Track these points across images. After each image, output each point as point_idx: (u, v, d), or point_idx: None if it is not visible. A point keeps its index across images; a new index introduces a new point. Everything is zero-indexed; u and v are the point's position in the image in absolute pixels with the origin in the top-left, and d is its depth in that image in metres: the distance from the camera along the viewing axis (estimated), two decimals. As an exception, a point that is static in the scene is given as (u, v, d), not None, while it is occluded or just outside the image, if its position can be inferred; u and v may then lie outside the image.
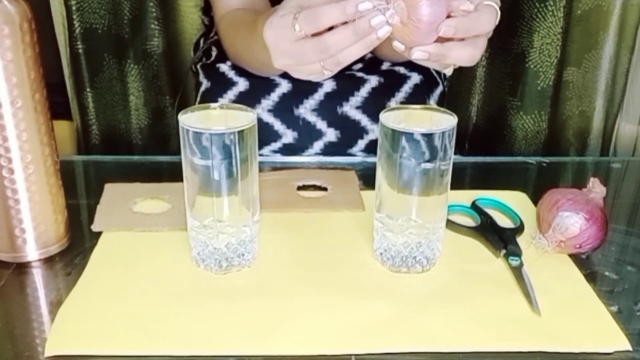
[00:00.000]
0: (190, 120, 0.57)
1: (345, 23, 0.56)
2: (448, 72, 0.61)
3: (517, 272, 0.60)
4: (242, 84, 0.89)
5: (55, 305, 0.55)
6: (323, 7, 0.56)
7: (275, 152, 0.90)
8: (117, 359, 0.50)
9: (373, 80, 0.89)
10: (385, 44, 0.83)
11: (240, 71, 0.90)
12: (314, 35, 0.58)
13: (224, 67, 0.91)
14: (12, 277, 0.60)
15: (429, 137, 0.55)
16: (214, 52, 0.95)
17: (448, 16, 0.55)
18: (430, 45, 0.56)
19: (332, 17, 0.56)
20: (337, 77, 0.87)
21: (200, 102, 0.94)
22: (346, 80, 0.88)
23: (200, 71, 0.96)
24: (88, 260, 0.62)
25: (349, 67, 0.89)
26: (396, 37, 0.57)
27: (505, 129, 1.21)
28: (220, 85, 0.90)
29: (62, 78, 1.22)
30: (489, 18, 0.56)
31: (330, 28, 0.57)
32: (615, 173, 0.87)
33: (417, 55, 0.56)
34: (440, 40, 0.56)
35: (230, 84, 0.90)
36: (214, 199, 0.57)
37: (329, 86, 0.88)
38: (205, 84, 0.94)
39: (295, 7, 0.59)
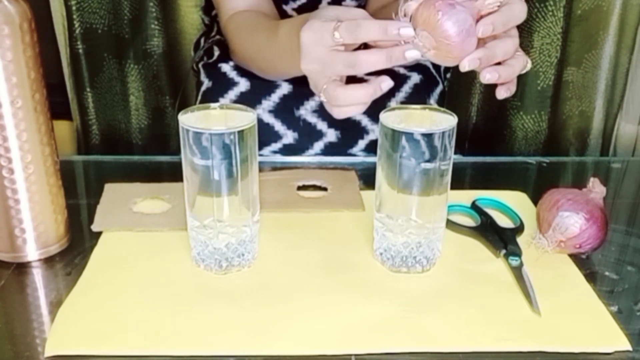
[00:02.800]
0: (190, 120, 0.57)
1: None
2: (529, 66, 0.61)
3: (517, 272, 0.60)
4: (243, 84, 0.89)
5: (55, 305, 0.55)
6: (366, 21, 0.58)
7: (275, 152, 0.90)
8: (117, 359, 0.50)
9: (373, 80, 0.89)
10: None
11: (242, 71, 0.90)
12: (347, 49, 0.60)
13: (226, 67, 0.91)
14: (12, 277, 0.60)
15: (429, 137, 0.55)
16: (217, 52, 0.95)
17: (481, 17, 0.55)
18: (477, 51, 0.55)
19: (373, 33, 0.57)
20: None
21: (200, 102, 0.94)
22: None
23: (201, 70, 0.96)
24: (88, 260, 0.62)
25: None
26: (441, 61, 0.57)
27: (505, 129, 1.21)
28: (222, 85, 0.90)
29: (62, 78, 1.22)
30: (520, 6, 0.57)
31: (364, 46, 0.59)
32: (615, 173, 0.87)
33: (468, 65, 0.55)
34: (481, 42, 0.56)
35: (232, 84, 0.89)
36: (214, 199, 0.57)
37: None
38: (206, 83, 0.94)
39: (334, 17, 0.61)
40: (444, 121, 0.57)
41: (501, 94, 0.60)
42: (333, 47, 0.60)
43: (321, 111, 0.88)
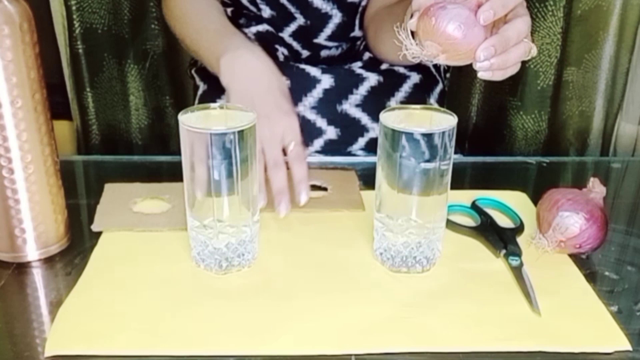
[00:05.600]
0: (190, 120, 0.57)
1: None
2: (534, 52, 0.58)
3: (517, 272, 0.60)
4: None
5: (55, 305, 0.55)
6: (278, 170, 0.67)
7: (275, 151, 0.90)
8: (117, 359, 0.50)
9: (372, 79, 0.89)
10: (387, 42, 0.83)
11: None
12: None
13: None
14: (12, 277, 0.60)
15: (429, 137, 0.55)
16: None
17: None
18: (488, 40, 0.54)
19: (276, 183, 0.66)
20: (335, 72, 0.87)
21: (199, 104, 0.94)
22: (345, 76, 0.88)
23: (195, 76, 0.96)
24: (88, 260, 0.62)
25: (348, 63, 0.89)
26: (455, 62, 0.57)
27: (505, 129, 1.21)
28: (217, 87, 0.90)
29: (62, 78, 1.22)
30: None
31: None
32: (615, 173, 0.87)
33: (483, 55, 0.54)
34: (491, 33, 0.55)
35: None
36: (214, 199, 0.57)
37: (327, 82, 0.88)
38: (202, 87, 0.94)
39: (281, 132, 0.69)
40: (444, 121, 0.57)
41: (479, 75, 0.58)
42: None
43: (320, 108, 0.88)
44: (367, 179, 0.77)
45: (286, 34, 0.90)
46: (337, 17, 0.88)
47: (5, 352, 0.51)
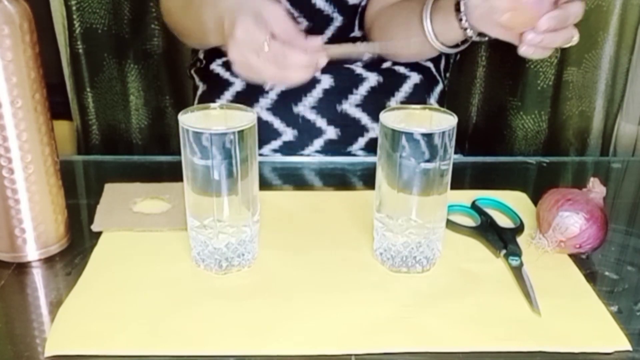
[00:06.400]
0: (190, 120, 0.57)
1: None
2: (575, 40, 0.61)
3: (517, 272, 0.60)
4: (238, 84, 0.89)
5: (55, 305, 0.55)
6: (291, 52, 0.63)
7: (275, 150, 0.90)
8: (117, 358, 0.50)
9: (372, 79, 0.89)
10: (398, 38, 0.83)
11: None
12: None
13: (218, 69, 0.91)
14: (12, 277, 0.60)
15: (429, 137, 0.55)
16: (202, 55, 0.96)
17: None
18: (553, 11, 0.56)
19: (296, 61, 0.63)
20: (334, 72, 0.87)
21: (198, 105, 0.94)
22: (344, 76, 0.88)
23: (194, 76, 0.96)
24: (88, 260, 0.62)
25: (348, 63, 0.89)
26: (513, 24, 0.59)
27: (505, 129, 1.21)
28: (217, 87, 0.90)
29: (62, 78, 1.22)
30: None
31: None
32: (615, 173, 0.87)
33: (547, 23, 0.56)
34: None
35: (227, 84, 0.89)
36: (214, 199, 0.57)
37: (326, 82, 0.88)
38: (201, 87, 0.94)
39: (257, 12, 0.64)
40: (444, 121, 0.57)
41: (523, 50, 0.61)
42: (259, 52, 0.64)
43: (320, 108, 0.88)
44: (367, 179, 0.77)
45: None
46: (337, 20, 0.88)
47: (5, 352, 0.51)
